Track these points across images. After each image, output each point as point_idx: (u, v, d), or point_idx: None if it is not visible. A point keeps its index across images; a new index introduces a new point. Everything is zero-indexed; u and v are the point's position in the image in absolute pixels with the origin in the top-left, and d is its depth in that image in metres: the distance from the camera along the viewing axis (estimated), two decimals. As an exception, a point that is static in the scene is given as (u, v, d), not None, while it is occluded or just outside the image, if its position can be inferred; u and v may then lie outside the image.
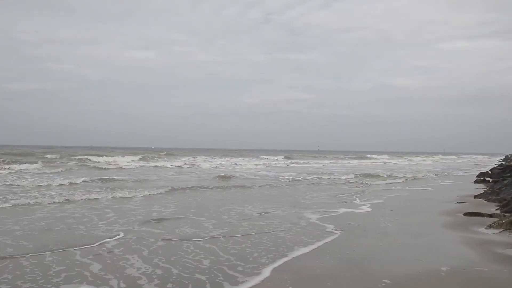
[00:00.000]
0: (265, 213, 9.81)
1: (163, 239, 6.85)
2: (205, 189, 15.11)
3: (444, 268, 5.20)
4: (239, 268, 5.26)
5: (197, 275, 4.98)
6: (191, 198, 12.60)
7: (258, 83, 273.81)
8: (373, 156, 62.98)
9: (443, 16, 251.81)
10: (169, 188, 14.31)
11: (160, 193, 13.12)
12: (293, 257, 5.84)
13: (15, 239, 6.65)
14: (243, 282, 4.75)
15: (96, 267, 5.24)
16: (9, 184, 14.60)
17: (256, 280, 4.80)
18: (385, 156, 64.09)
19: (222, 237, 7.12)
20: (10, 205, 9.86)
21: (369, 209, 10.74)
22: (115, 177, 17.93)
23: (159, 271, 5.10)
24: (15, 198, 10.96)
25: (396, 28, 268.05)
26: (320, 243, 6.69)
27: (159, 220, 8.56)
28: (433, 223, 8.69)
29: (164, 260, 5.59)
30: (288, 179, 20.23)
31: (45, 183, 14.73)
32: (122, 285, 4.62)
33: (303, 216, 9.40)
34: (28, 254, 5.76)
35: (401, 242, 6.90)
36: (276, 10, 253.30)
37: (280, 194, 14.16)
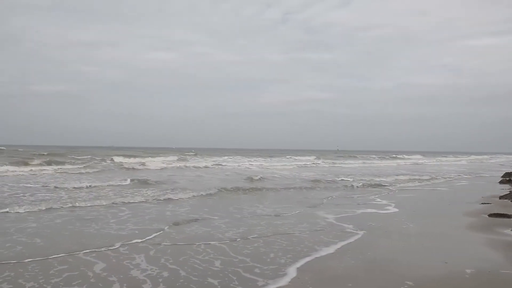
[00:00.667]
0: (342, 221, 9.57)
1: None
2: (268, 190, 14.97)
3: (468, 271, 5.14)
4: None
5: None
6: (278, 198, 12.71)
7: (277, 83, 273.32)
8: (404, 155, 62.06)
9: (468, 12, 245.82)
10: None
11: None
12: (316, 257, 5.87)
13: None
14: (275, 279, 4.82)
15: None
16: (90, 186, 14.27)
17: (284, 278, 4.88)
18: (418, 156, 62.91)
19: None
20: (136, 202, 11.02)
21: (394, 210, 10.65)
22: (172, 178, 18.34)
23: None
24: (118, 196, 11.86)
25: (418, 25, 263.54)
26: (343, 243, 6.68)
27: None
28: (457, 224, 8.57)
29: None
30: (347, 180, 18.66)
31: (113, 183, 15.40)
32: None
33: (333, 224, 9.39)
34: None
35: (424, 243, 6.84)
36: (294, 9, 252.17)
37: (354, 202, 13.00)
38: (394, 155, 60.37)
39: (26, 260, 5.45)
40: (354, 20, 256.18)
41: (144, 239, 6.80)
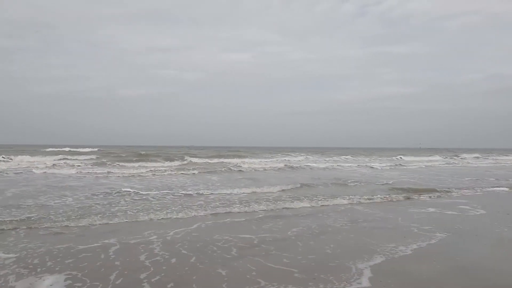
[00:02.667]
0: None
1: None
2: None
3: None
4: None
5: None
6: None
7: (352, 79, 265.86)
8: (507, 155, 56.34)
9: None
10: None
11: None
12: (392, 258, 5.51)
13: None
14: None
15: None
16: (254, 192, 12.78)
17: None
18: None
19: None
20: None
21: (481, 211, 9.66)
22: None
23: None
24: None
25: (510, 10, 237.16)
26: (422, 244, 6.23)
27: None
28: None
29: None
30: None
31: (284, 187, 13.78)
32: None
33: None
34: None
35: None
36: (372, 1, 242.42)
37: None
38: (488, 154, 55.14)
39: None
40: (437, 9, 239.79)
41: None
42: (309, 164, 29.60)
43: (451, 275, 4.87)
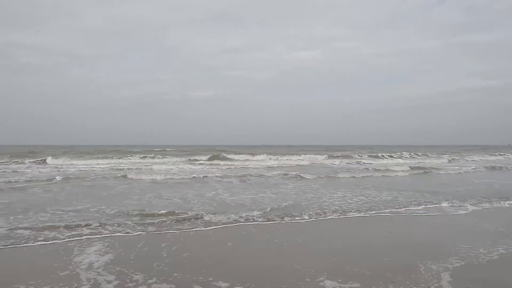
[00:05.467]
0: None
1: None
2: None
3: None
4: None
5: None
6: None
7: (429, 73, 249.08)
8: None
9: None
10: None
11: None
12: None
13: None
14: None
15: None
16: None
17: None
18: None
19: None
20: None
21: None
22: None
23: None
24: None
25: None
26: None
27: None
28: None
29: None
30: None
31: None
32: None
33: None
34: None
35: None
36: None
37: None
38: None
39: None
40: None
41: None
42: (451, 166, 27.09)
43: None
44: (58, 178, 16.58)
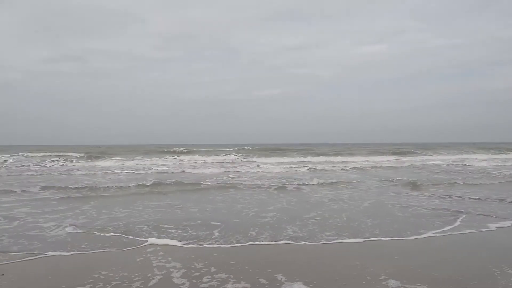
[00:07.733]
0: None
1: None
2: None
3: None
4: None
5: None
6: None
7: (509, 64, 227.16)
8: None
9: None
10: None
11: None
12: None
13: None
14: None
15: None
16: None
17: None
18: None
19: None
20: None
21: None
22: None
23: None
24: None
25: None
26: None
27: None
28: None
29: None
30: None
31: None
32: None
33: None
34: None
35: None
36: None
37: None
38: None
39: None
40: None
41: None
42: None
43: None
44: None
